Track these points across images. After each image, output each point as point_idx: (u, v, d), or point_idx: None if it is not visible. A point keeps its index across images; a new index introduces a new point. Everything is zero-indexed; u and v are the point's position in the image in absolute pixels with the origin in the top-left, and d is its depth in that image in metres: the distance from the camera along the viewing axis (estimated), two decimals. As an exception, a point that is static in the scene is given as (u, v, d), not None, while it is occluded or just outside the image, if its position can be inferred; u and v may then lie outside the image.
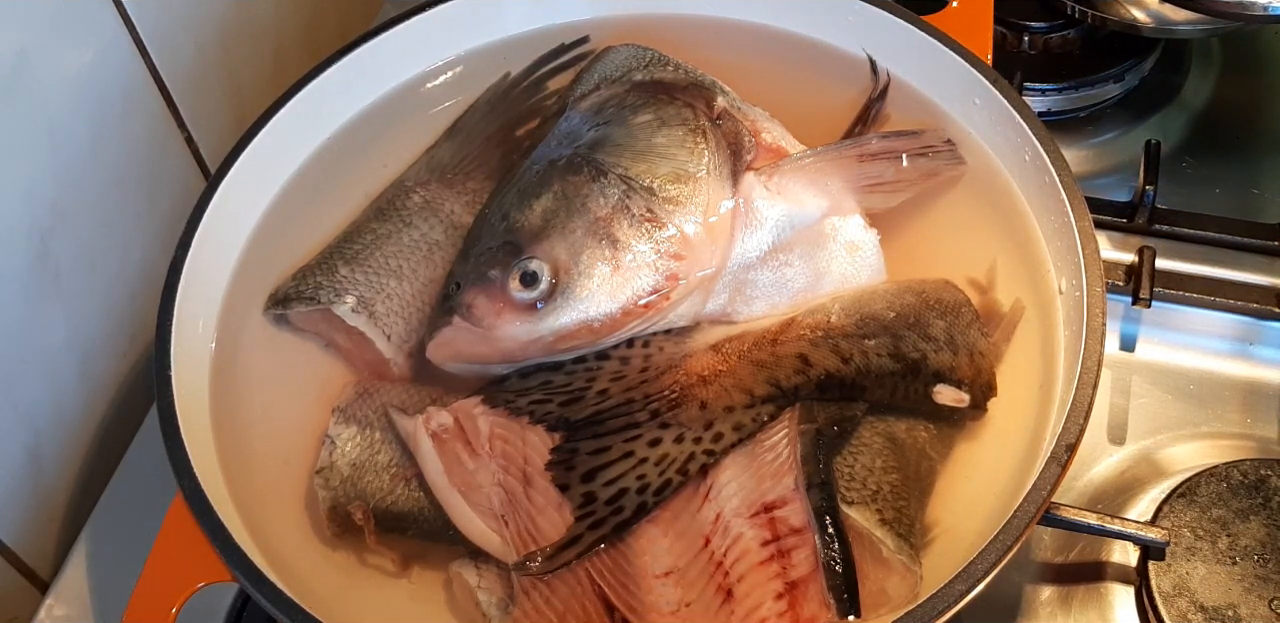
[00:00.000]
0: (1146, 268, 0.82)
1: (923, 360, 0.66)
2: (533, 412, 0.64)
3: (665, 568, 0.60)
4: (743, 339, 0.66)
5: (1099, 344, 0.62)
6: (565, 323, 0.64)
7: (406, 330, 0.69)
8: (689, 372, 0.65)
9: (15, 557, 0.75)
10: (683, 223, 0.66)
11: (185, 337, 0.67)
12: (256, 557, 0.60)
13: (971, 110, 0.74)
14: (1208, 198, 0.91)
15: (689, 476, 0.62)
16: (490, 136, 0.77)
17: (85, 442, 0.80)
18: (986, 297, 0.70)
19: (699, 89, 0.72)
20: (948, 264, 0.71)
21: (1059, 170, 0.68)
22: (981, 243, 0.72)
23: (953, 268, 0.71)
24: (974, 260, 0.71)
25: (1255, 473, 0.74)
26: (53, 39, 0.70)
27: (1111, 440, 0.80)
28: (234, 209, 0.72)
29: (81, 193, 0.75)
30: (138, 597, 0.60)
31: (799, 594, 0.59)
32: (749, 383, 0.64)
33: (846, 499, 0.61)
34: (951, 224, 0.73)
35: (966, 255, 0.72)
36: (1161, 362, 0.83)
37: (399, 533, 0.65)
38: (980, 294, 0.70)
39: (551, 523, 0.61)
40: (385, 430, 0.66)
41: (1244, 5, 0.81)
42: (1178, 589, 0.70)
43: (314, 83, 0.75)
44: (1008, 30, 0.95)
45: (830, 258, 0.68)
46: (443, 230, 0.72)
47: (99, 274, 0.78)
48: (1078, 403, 0.61)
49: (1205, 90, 0.98)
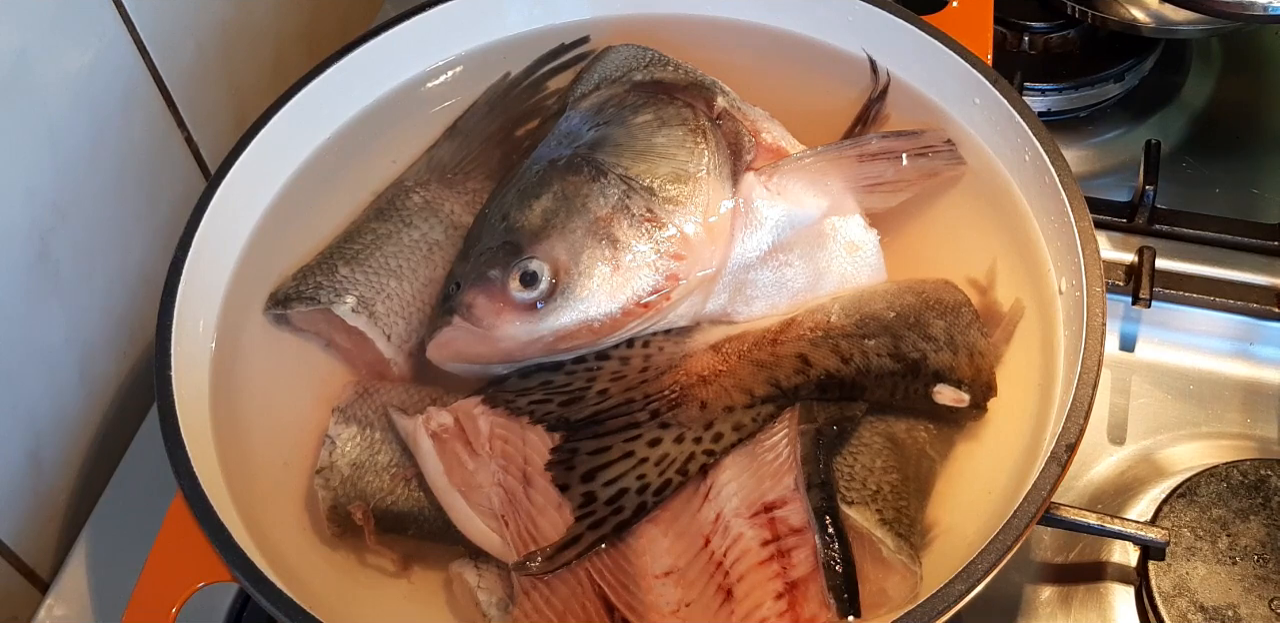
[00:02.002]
0: (1146, 268, 0.82)
1: (923, 360, 0.66)
2: (533, 412, 0.64)
3: (665, 568, 0.60)
4: (743, 339, 0.66)
5: (1099, 344, 0.62)
6: (565, 323, 0.64)
7: (406, 330, 0.69)
8: (689, 372, 0.65)
9: (15, 557, 0.75)
10: (683, 223, 0.66)
11: (185, 337, 0.67)
12: (256, 557, 0.60)
13: (971, 110, 0.74)
14: (1208, 198, 0.91)
15: (689, 475, 0.62)
16: (490, 136, 0.77)
17: (85, 442, 0.80)
18: (986, 297, 0.70)
19: (699, 89, 0.72)
20: (948, 264, 0.71)
21: (1059, 170, 0.68)
22: (981, 243, 0.72)
23: (953, 268, 0.71)
24: (974, 260, 0.71)
25: (1255, 473, 0.74)
26: (53, 39, 0.70)
27: (1111, 440, 0.80)
28: (234, 209, 0.72)
29: (81, 193, 0.75)
30: (138, 597, 0.60)
31: (799, 594, 0.59)
32: (749, 383, 0.64)
33: (846, 499, 0.61)
34: (951, 224, 0.73)
35: (966, 255, 0.72)
36: (1161, 362, 0.83)
37: (399, 533, 0.65)
38: (980, 294, 0.70)
39: (551, 523, 0.61)
40: (385, 430, 0.66)
41: (1244, 5, 0.81)
42: (1178, 589, 0.70)
43: (314, 83, 0.75)
44: (1008, 30, 0.95)
45: (830, 258, 0.68)
46: (443, 230, 0.72)
47: (99, 274, 0.78)
48: (1078, 403, 0.61)
49: (1205, 90, 0.98)
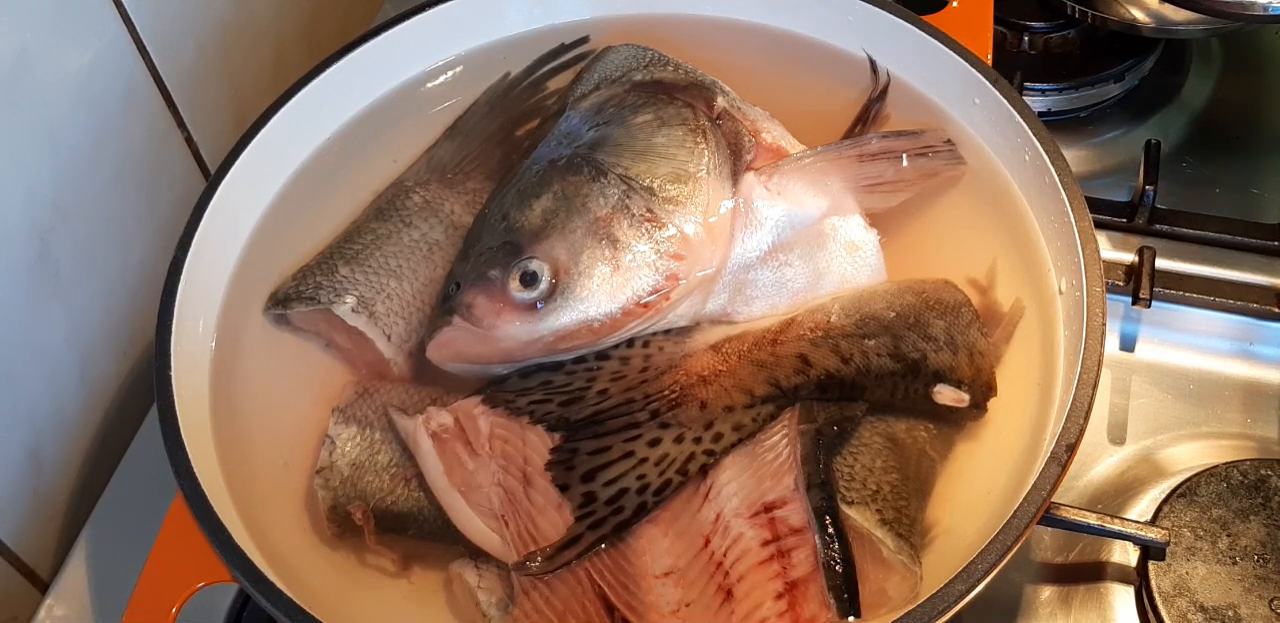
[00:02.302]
0: (1146, 268, 0.82)
1: (923, 360, 0.66)
2: (533, 412, 0.64)
3: (665, 568, 0.60)
4: (743, 339, 0.66)
5: (1099, 344, 0.62)
6: (565, 323, 0.64)
7: (406, 330, 0.69)
8: (689, 372, 0.65)
9: (15, 557, 0.75)
10: (683, 223, 0.66)
11: (185, 337, 0.67)
12: (256, 557, 0.60)
13: (971, 110, 0.74)
14: (1208, 198, 0.91)
15: (689, 475, 0.62)
16: (490, 136, 0.77)
17: (85, 442, 0.80)
18: (986, 297, 0.70)
19: (699, 89, 0.72)
20: (948, 264, 0.71)
21: (1059, 170, 0.68)
22: (981, 243, 0.72)
23: (953, 268, 0.71)
24: (974, 260, 0.71)
25: (1255, 473, 0.74)
26: (53, 39, 0.70)
27: (1111, 440, 0.80)
28: (234, 209, 0.72)
29: (81, 193, 0.75)
30: (138, 597, 0.60)
31: (799, 594, 0.59)
32: (749, 383, 0.64)
33: (846, 499, 0.61)
34: (951, 224, 0.73)
35: (966, 255, 0.72)
36: (1161, 362, 0.83)
37: (399, 533, 0.65)
38: (980, 294, 0.70)
39: (551, 523, 0.61)
40: (385, 430, 0.66)
41: (1244, 5, 0.81)
42: (1178, 589, 0.70)
43: (314, 83, 0.75)
44: (1008, 30, 0.95)
45: (830, 258, 0.68)
46: (443, 230, 0.72)
47: (99, 274, 0.78)
48: (1078, 403, 0.61)
49: (1205, 90, 0.98)
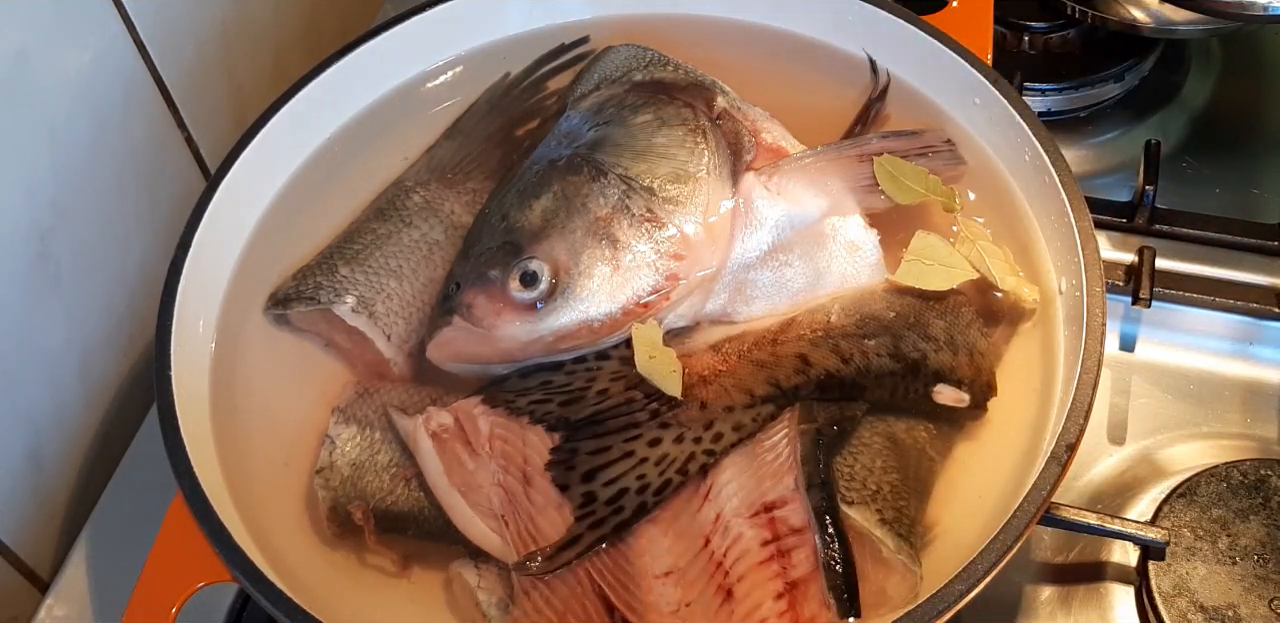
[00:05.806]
0: (1146, 268, 0.82)
1: (923, 360, 0.66)
2: (533, 412, 0.64)
3: (665, 568, 0.60)
4: (743, 339, 0.66)
5: (1099, 344, 0.62)
6: (565, 323, 0.64)
7: (406, 330, 0.69)
8: (689, 372, 0.64)
9: (15, 557, 0.75)
10: (683, 223, 0.66)
11: (185, 337, 0.67)
12: (256, 557, 0.60)
13: (971, 110, 0.74)
14: (1208, 198, 0.91)
15: (689, 475, 0.62)
16: (490, 136, 0.77)
17: (85, 442, 0.80)
18: (986, 297, 0.70)
19: (699, 89, 0.72)
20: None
21: (1059, 170, 0.68)
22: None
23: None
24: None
25: (1255, 473, 0.74)
26: (53, 39, 0.70)
27: (1111, 440, 0.80)
28: (234, 209, 0.72)
29: (81, 193, 0.75)
30: (138, 597, 0.60)
31: (799, 594, 0.59)
32: (749, 383, 0.64)
33: (846, 499, 0.61)
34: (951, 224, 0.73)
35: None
36: (1161, 362, 0.83)
37: (399, 533, 0.65)
38: (980, 294, 0.70)
39: (551, 523, 0.61)
40: (385, 430, 0.66)
41: (1244, 5, 0.81)
42: (1178, 589, 0.70)
43: (314, 83, 0.75)
44: (1008, 30, 0.95)
45: (830, 258, 0.68)
46: (443, 230, 0.72)
47: (99, 274, 0.78)
48: (1078, 403, 0.61)
49: (1205, 90, 0.98)
